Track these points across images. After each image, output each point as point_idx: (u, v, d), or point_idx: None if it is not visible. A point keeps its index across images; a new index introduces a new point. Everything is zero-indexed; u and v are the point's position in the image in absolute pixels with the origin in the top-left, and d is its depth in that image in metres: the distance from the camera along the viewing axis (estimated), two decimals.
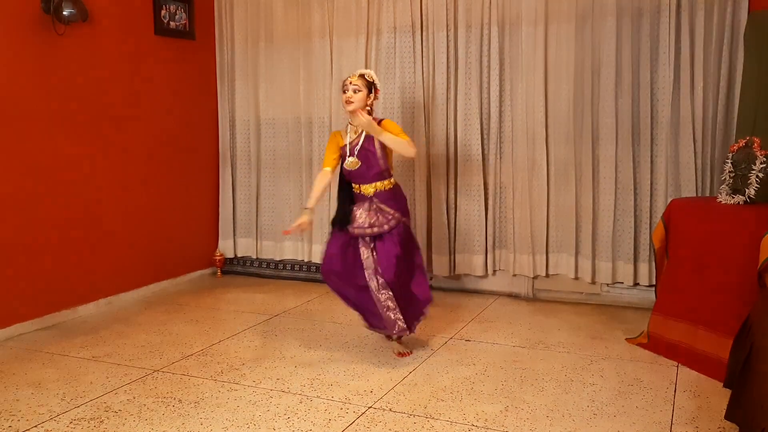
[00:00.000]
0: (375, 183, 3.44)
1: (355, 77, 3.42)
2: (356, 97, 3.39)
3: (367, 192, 3.44)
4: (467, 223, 4.58)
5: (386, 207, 3.41)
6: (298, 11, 4.94)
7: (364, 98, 3.41)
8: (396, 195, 3.49)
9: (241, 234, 5.33)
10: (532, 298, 4.56)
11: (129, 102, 4.52)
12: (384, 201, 3.42)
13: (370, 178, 3.43)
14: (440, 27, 4.50)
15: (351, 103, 3.39)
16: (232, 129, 5.27)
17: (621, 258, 4.23)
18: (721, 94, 3.91)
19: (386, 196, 3.44)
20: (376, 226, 3.38)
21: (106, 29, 4.32)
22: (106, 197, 4.38)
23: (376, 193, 3.43)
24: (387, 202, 3.42)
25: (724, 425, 2.62)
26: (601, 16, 4.13)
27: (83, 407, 2.85)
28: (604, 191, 4.21)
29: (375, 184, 3.43)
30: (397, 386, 3.06)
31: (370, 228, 3.38)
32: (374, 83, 3.47)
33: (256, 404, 2.88)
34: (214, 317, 4.21)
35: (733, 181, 3.34)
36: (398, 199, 3.49)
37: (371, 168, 3.42)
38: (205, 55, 5.17)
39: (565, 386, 3.05)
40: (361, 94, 3.40)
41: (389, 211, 3.41)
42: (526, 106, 4.34)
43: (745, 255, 3.05)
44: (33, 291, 3.93)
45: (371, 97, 3.45)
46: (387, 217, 3.40)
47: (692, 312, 3.31)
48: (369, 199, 3.43)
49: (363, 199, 3.44)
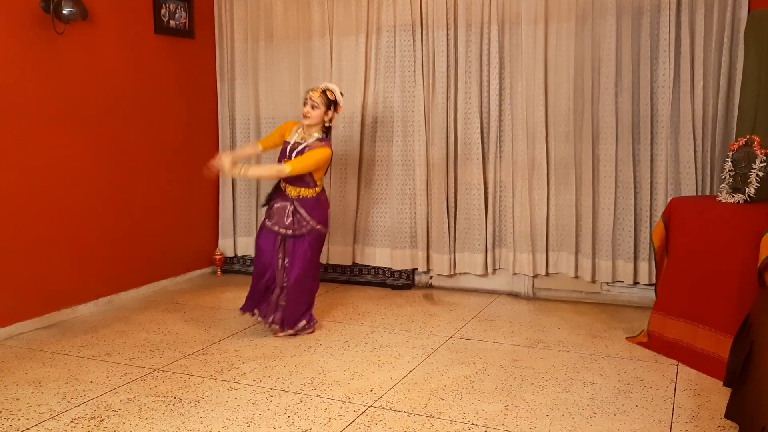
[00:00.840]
0: (299, 188, 3.67)
1: (317, 93, 3.63)
2: (313, 113, 3.62)
3: (290, 193, 3.68)
4: (467, 221, 4.58)
5: (304, 212, 3.66)
6: (298, 10, 4.94)
7: (320, 115, 3.63)
8: (318, 204, 3.72)
9: (241, 233, 5.32)
10: (532, 297, 4.56)
11: (129, 101, 4.51)
12: (303, 206, 3.66)
13: (295, 182, 3.66)
14: (440, 26, 4.50)
15: (308, 117, 3.64)
16: (232, 127, 5.26)
17: (621, 257, 4.22)
18: (721, 93, 3.91)
19: (307, 202, 3.68)
20: (290, 229, 3.66)
21: (105, 28, 4.32)
22: (105, 196, 4.37)
23: (299, 198, 3.67)
24: (306, 207, 3.66)
25: (724, 424, 2.62)
26: (601, 14, 4.12)
27: (83, 406, 2.85)
28: (604, 190, 4.21)
29: (299, 189, 3.67)
30: (397, 385, 3.06)
31: (285, 229, 3.67)
32: (335, 101, 3.66)
33: (256, 403, 2.88)
34: (214, 316, 4.21)
35: (734, 180, 3.34)
36: (318, 207, 3.72)
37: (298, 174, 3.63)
38: (205, 54, 5.17)
39: (565, 385, 3.05)
40: (318, 112, 3.62)
41: (306, 217, 3.65)
42: (526, 105, 4.34)
43: (745, 254, 3.05)
44: (33, 290, 3.93)
45: (330, 114, 3.66)
46: (302, 223, 3.66)
47: (692, 310, 3.31)
48: (291, 200, 3.68)
49: (286, 198, 3.69)
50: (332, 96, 3.65)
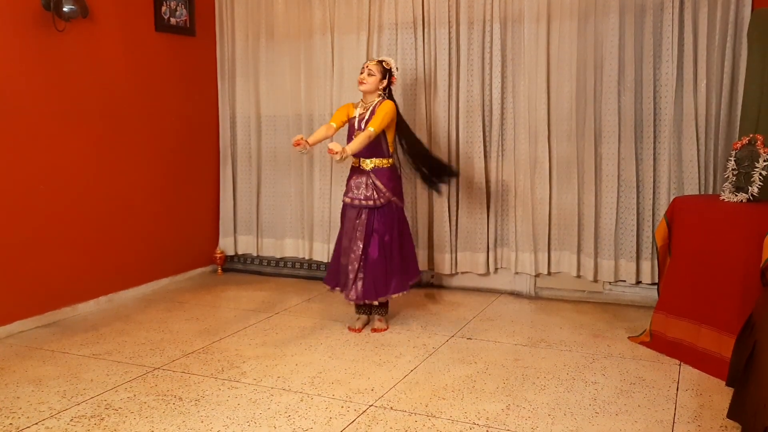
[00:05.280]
0: (374, 159, 3.73)
1: (373, 62, 3.75)
2: (369, 80, 3.72)
3: (365, 166, 3.74)
4: (469, 220, 4.57)
5: (380, 184, 3.71)
6: (299, 7, 4.92)
7: (376, 82, 3.73)
8: (392, 175, 3.78)
9: (241, 231, 5.32)
10: (534, 297, 4.55)
11: (129, 99, 4.51)
12: (379, 178, 3.71)
13: (369, 153, 3.71)
14: (442, 24, 4.49)
15: (363, 83, 3.73)
16: (232, 126, 5.26)
17: (623, 256, 4.21)
18: (724, 92, 3.89)
19: (383, 174, 3.73)
20: (371, 200, 3.71)
21: (106, 26, 4.31)
22: (105, 194, 4.37)
23: (374, 169, 3.73)
24: (382, 179, 3.72)
25: (726, 424, 2.61)
26: (603, 12, 4.11)
27: (83, 405, 2.85)
28: (606, 189, 4.20)
29: (374, 160, 3.73)
30: (399, 384, 3.05)
31: (365, 200, 3.71)
32: (390, 70, 3.77)
33: (256, 402, 2.87)
34: (215, 315, 4.20)
35: (737, 179, 3.32)
36: (393, 179, 3.78)
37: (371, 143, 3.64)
38: (206, 52, 5.16)
39: (567, 385, 3.04)
40: (374, 79, 3.72)
41: (382, 189, 3.71)
42: (528, 103, 4.32)
43: (748, 253, 3.04)
44: (33, 288, 3.93)
45: (384, 82, 3.76)
46: (380, 193, 3.71)
47: (695, 310, 3.30)
48: (366, 173, 3.73)
49: (361, 173, 3.75)
50: (388, 65, 3.76)
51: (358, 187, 3.74)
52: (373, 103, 3.74)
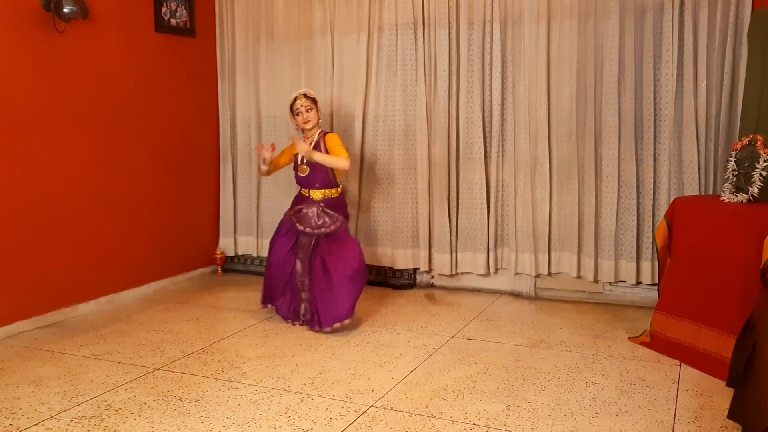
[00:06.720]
0: (323, 190, 3.91)
1: (303, 99, 3.87)
2: (311, 116, 3.87)
3: (315, 197, 3.90)
4: (469, 221, 4.57)
5: (332, 212, 3.90)
6: (299, 8, 4.92)
7: (317, 114, 3.91)
8: (339, 202, 3.98)
9: (241, 232, 5.32)
10: (534, 297, 4.55)
11: (129, 99, 4.51)
12: (330, 207, 3.91)
13: (319, 185, 3.89)
14: (442, 24, 4.48)
15: (309, 122, 3.87)
16: (232, 126, 5.26)
17: (624, 256, 4.21)
18: (724, 92, 3.89)
19: (331, 202, 3.93)
20: (323, 227, 3.86)
21: (106, 26, 4.31)
22: (105, 194, 4.37)
23: (324, 199, 3.91)
24: (332, 208, 3.91)
25: (726, 424, 2.61)
26: (603, 12, 4.11)
27: (84, 405, 2.85)
28: (606, 189, 4.20)
29: (323, 191, 3.91)
30: (399, 385, 3.05)
31: (317, 228, 3.86)
32: (315, 99, 3.94)
33: (256, 403, 2.87)
34: (215, 315, 4.20)
35: (737, 180, 3.32)
36: (341, 205, 3.99)
37: (320, 174, 3.87)
38: (206, 53, 5.16)
39: (567, 385, 3.04)
40: (314, 112, 3.89)
41: (334, 215, 3.89)
42: (529, 104, 4.32)
43: (749, 254, 3.04)
44: (33, 289, 3.93)
45: (320, 112, 3.96)
46: (333, 219, 3.88)
47: (695, 311, 3.30)
48: (317, 203, 3.90)
49: (311, 203, 3.91)
50: (312, 95, 3.92)
51: (310, 217, 3.88)
52: (315, 136, 3.90)
